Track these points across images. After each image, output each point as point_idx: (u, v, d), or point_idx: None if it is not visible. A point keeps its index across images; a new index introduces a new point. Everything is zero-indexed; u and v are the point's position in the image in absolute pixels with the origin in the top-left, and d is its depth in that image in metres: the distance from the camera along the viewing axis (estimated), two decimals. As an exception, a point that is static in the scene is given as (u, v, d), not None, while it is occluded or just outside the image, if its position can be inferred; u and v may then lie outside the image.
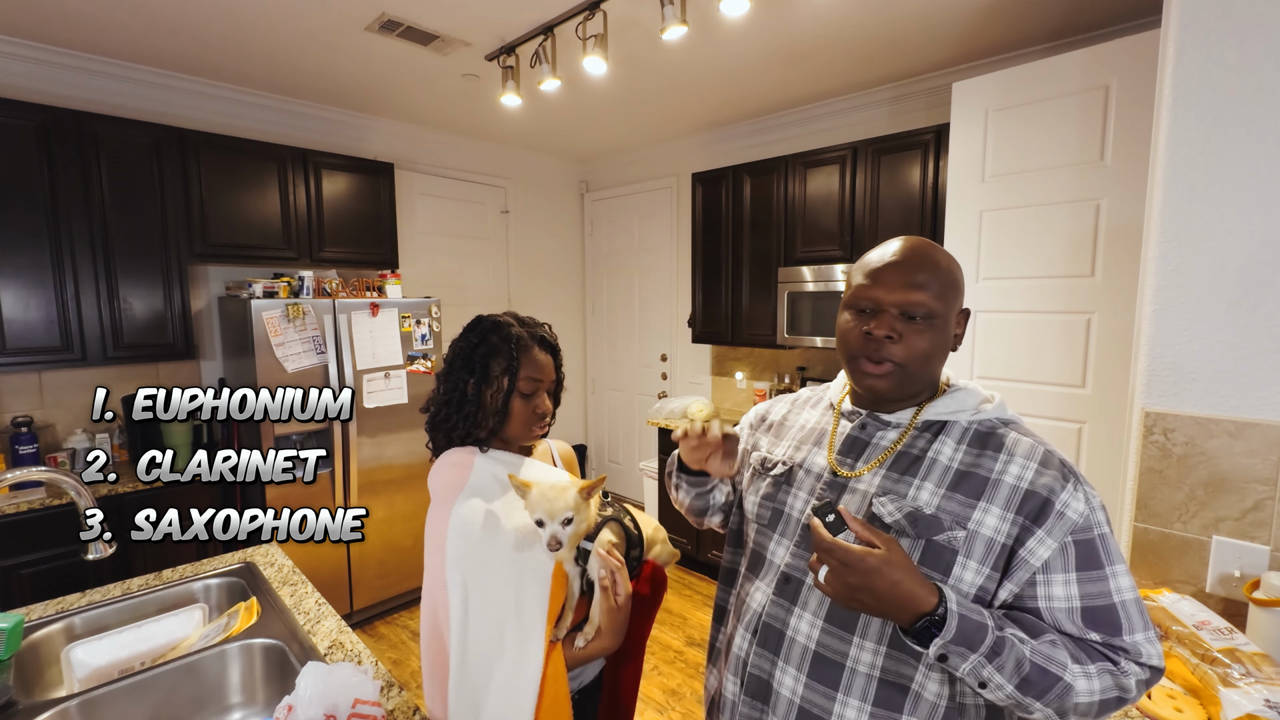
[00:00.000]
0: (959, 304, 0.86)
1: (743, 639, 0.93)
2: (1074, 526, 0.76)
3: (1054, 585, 0.76)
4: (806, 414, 1.04)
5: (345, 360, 2.82)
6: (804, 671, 0.84)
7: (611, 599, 0.96)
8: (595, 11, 2.13)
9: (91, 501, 1.17)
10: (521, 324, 1.11)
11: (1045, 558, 0.76)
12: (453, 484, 1.02)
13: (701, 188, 3.59)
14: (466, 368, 1.06)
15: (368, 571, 2.97)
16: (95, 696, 1.09)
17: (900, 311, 0.82)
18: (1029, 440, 0.82)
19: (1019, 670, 0.70)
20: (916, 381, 0.86)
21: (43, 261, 2.39)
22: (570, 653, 0.96)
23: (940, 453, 0.84)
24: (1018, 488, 0.78)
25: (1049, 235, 1.98)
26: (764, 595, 0.91)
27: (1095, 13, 2.28)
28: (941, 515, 0.79)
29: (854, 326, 0.86)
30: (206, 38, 2.44)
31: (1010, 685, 0.71)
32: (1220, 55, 1.18)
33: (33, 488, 2.30)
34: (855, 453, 0.90)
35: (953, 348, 0.88)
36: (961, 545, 0.77)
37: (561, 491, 0.95)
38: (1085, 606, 0.75)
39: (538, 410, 1.09)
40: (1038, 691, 0.71)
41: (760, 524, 0.97)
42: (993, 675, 0.70)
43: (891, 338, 0.82)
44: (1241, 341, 1.18)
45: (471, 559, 0.96)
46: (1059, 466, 0.78)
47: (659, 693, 2.53)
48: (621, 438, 4.76)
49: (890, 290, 0.83)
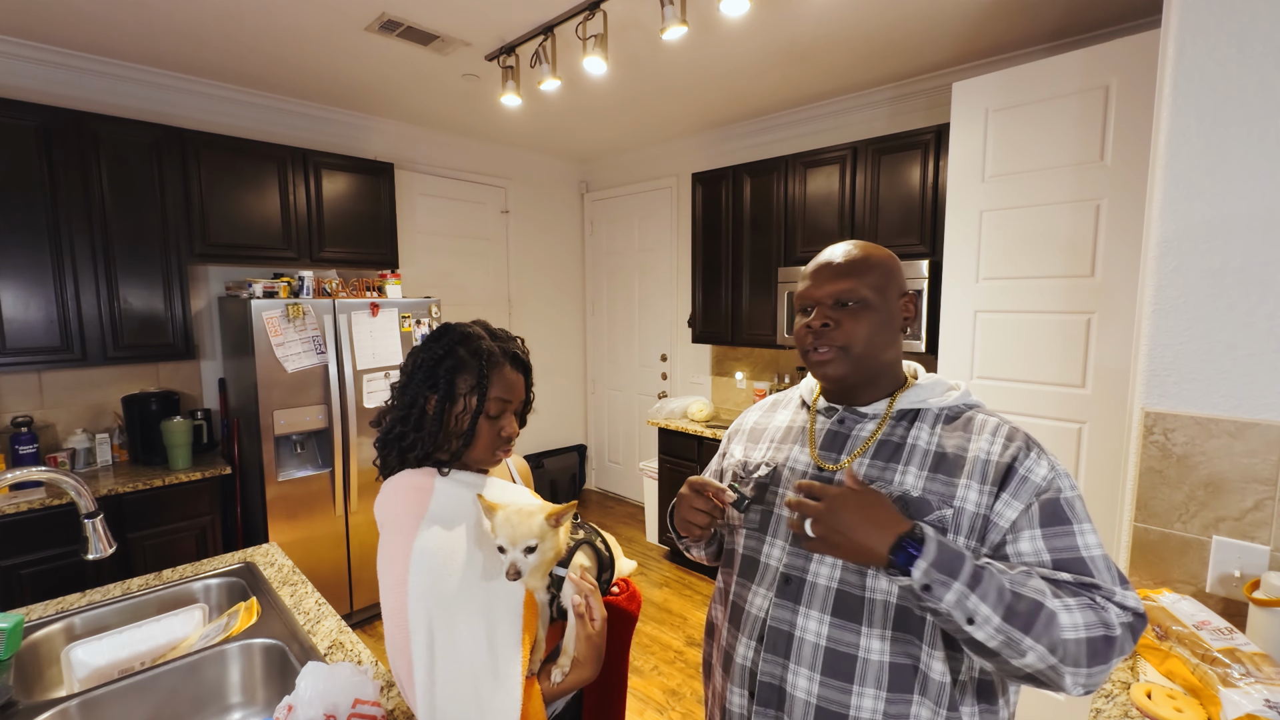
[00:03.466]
0: (895, 288, 0.92)
1: (747, 647, 0.92)
2: (1038, 489, 0.80)
3: (1021, 542, 0.79)
4: (779, 415, 1.06)
5: (345, 360, 2.82)
6: (817, 670, 0.84)
7: (588, 624, 0.89)
8: (595, 11, 2.13)
9: (92, 502, 1.17)
10: (494, 337, 1.01)
11: (1012, 518, 0.79)
12: (410, 511, 0.91)
13: (701, 188, 3.59)
14: (428, 382, 0.96)
15: (368, 571, 2.96)
16: (95, 696, 1.09)
17: (833, 301, 0.90)
18: (994, 419, 0.88)
19: (1001, 598, 0.71)
20: (867, 363, 0.90)
21: (43, 261, 2.39)
22: (548, 687, 0.88)
23: (918, 438, 0.88)
24: (989, 461, 0.82)
25: (1049, 235, 1.98)
26: (765, 599, 0.91)
27: (1095, 13, 2.28)
28: (929, 496, 0.83)
29: (800, 326, 0.94)
30: (206, 38, 2.44)
31: (997, 617, 0.70)
32: (1220, 55, 1.18)
33: (33, 488, 2.30)
34: (837, 447, 0.93)
35: (903, 329, 0.93)
36: (950, 523, 0.81)
37: (527, 517, 0.89)
38: (1054, 560, 0.78)
39: (503, 433, 0.99)
40: (1024, 622, 0.70)
41: (750, 528, 0.97)
42: (978, 606, 0.71)
43: (828, 324, 0.89)
44: (1241, 341, 1.18)
45: (436, 596, 0.86)
46: (1023, 439, 0.84)
47: (659, 693, 2.53)
48: (621, 438, 4.76)
49: (820, 286, 0.91)
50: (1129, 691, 1.03)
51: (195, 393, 3.03)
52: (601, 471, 4.98)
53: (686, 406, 3.72)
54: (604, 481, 4.98)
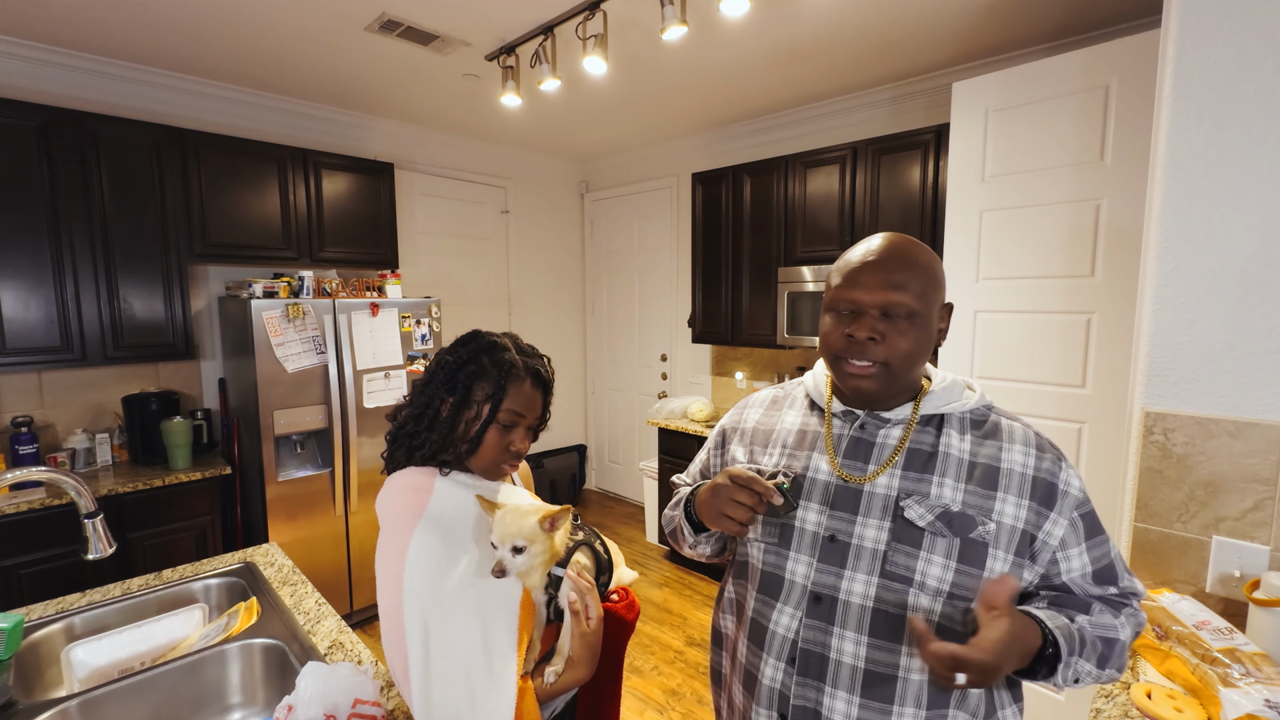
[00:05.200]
0: (940, 299, 0.86)
1: (776, 669, 0.87)
2: (1076, 502, 0.82)
3: (1072, 559, 0.82)
4: (787, 417, 0.99)
5: (345, 360, 2.82)
6: (856, 693, 0.81)
7: (583, 623, 0.89)
8: (595, 11, 2.13)
9: (92, 502, 1.17)
10: (520, 351, 1.00)
11: (1061, 536, 0.81)
12: (408, 510, 0.92)
13: (701, 188, 3.59)
14: (447, 385, 0.97)
15: (368, 572, 2.96)
16: (95, 696, 1.09)
17: (881, 312, 0.82)
18: (1019, 425, 0.87)
19: (1094, 650, 0.77)
20: (902, 379, 0.85)
21: (43, 261, 2.39)
22: (541, 687, 0.88)
23: (950, 446, 0.85)
24: (1025, 475, 0.82)
25: (1049, 235, 1.98)
26: (793, 619, 0.86)
27: (1095, 13, 2.28)
28: (969, 510, 0.81)
29: (835, 329, 0.86)
30: (206, 38, 2.44)
31: (1094, 668, 0.77)
32: (1220, 55, 1.18)
33: (33, 488, 2.30)
34: (861, 455, 0.87)
35: (937, 343, 0.88)
36: (991, 538, 0.80)
37: (520, 518, 0.89)
38: (1095, 570, 0.83)
39: (512, 447, 0.98)
40: (1111, 662, 0.78)
41: (768, 542, 0.92)
42: (1081, 666, 0.76)
43: (874, 339, 0.81)
44: (1241, 341, 1.18)
45: (432, 595, 0.86)
46: (1051, 449, 0.85)
47: (659, 693, 2.53)
48: (621, 438, 4.76)
49: (869, 291, 0.82)
50: (1129, 691, 1.03)
51: (195, 393, 3.03)
52: (601, 471, 4.98)
53: (686, 406, 3.72)
54: (604, 481, 4.98)
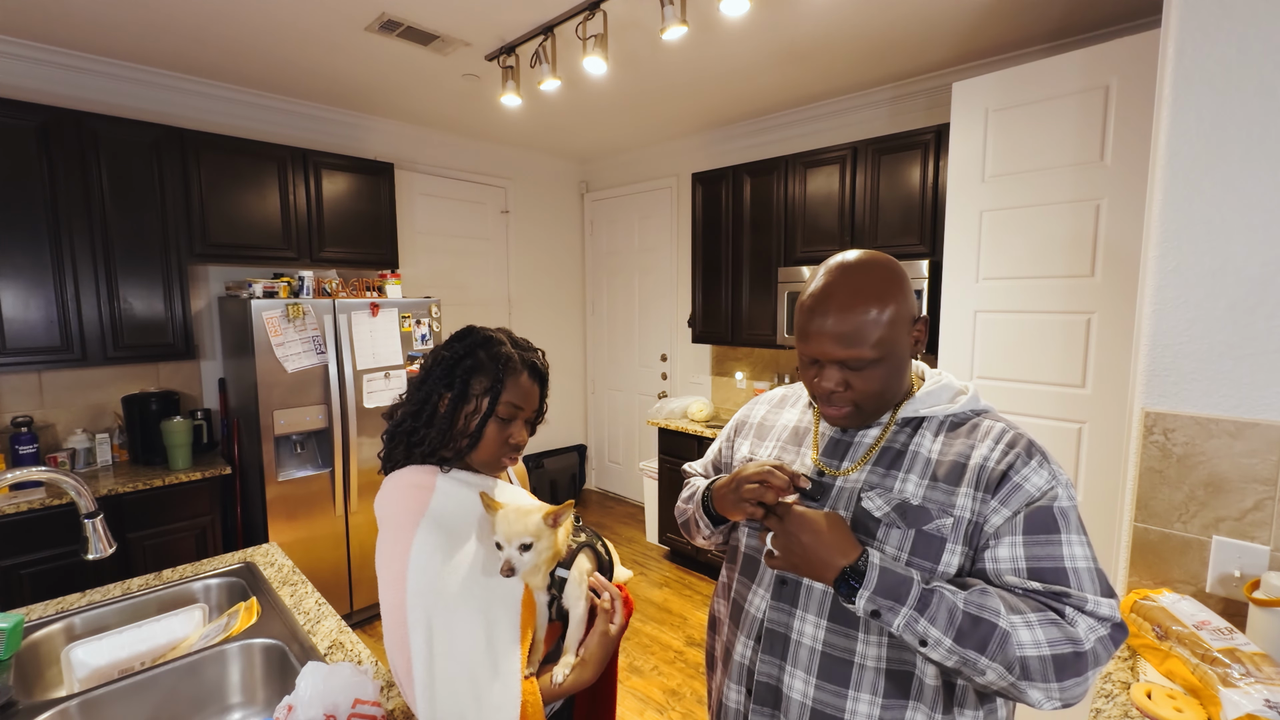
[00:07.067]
0: (905, 323, 0.84)
1: (745, 646, 0.94)
2: (1030, 499, 0.78)
3: (1000, 548, 0.78)
4: (787, 413, 1.06)
5: (345, 360, 2.82)
6: (813, 674, 0.85)
7: (607, 624, 0.92)
8: (595, 11, 2.13)
9: (92, 502, 1.17)
10: (515, 345, 1.02)
11: (997, 525, 0.78)
12: (411, 508, 0.92)
13: (701, 188, 3.59)
14: (445, 380, 0.97)
15: (368, 571, 2.96)
16: (95, 696, 1.09)
17: (841, 364, 0.84)
18: (1000, 425, 0.85)
19: (953, 620, 0.72)
20: (879, 406, 0.88)
21: (43, 261, 2.39)
22: (548, 685, 0.89)
23: (921, 446, 0.87)
24: (984, 466, 0.81)
25: (1049, 235, 1.98)
26: (763, 600, 0.92)
27: (1095, 13, 2.28)
28: (928, 505, 0.82)
29: (805, 373, 0.90)
30: (206, 38, 2.44)
31: (948, 639, 0.71)
32: (1220, 55, 1.18)
33: (33, 488, 2.30)
34: (839, 453, 0.92)
35: (914, 355, 0.89)
36: (949, 532, 0.80)
37: (524, 515, 0.90)
38: (1031, 568, 0.76)
39: (511, 440, 0.99)
40: (976, 643, 0.71)
41: (752, 526, 0.99)
42: (928, 629, 0.72)
43: (840, 389, 0.85)
44: (1241, 341, 1.18)
45: (435, 594, 0.86)
46: (1024, 446, 0.81)
47: (659, 693, 2.53)
48: (621, 438, 4.76)
49: (825, 348, 0.84)
50: (1129, 691, 1.03)
51: (195, 393, 3.03)
52: (601, 471, 4.98)
53: (686, 406, 3.72)
54: (604, 481, 4.98)
